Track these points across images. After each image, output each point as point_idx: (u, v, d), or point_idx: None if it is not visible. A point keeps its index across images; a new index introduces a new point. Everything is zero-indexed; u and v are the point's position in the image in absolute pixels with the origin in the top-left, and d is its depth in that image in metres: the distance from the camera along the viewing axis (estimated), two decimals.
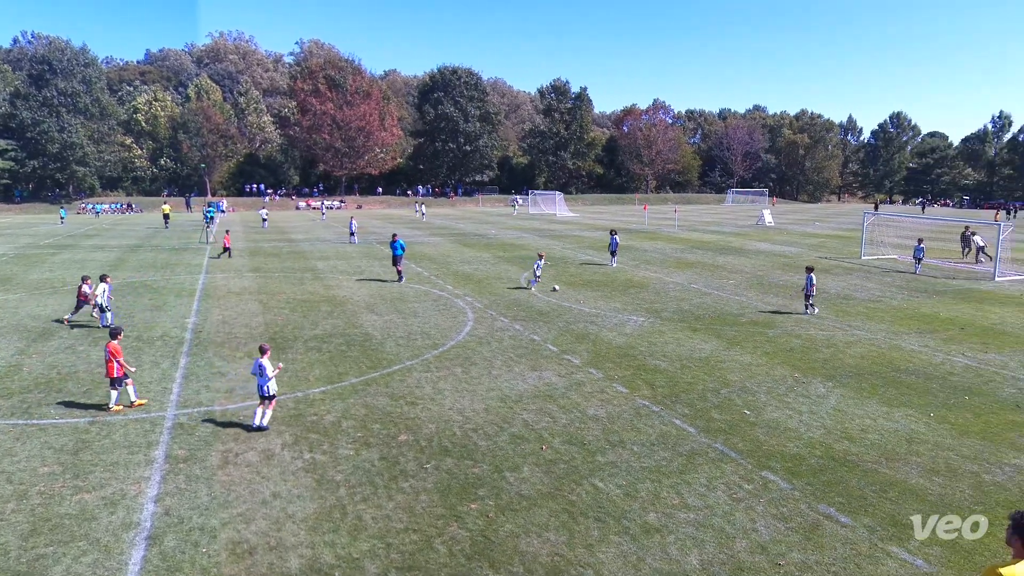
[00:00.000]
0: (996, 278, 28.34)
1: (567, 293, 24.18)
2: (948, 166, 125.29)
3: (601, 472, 9.81)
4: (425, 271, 29.59)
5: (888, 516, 8.59)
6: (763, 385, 13.82)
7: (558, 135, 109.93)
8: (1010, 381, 14.23)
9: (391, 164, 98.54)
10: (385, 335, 17.84)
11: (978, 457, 10.38)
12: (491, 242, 43.08)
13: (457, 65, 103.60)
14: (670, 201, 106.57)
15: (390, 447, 10.64)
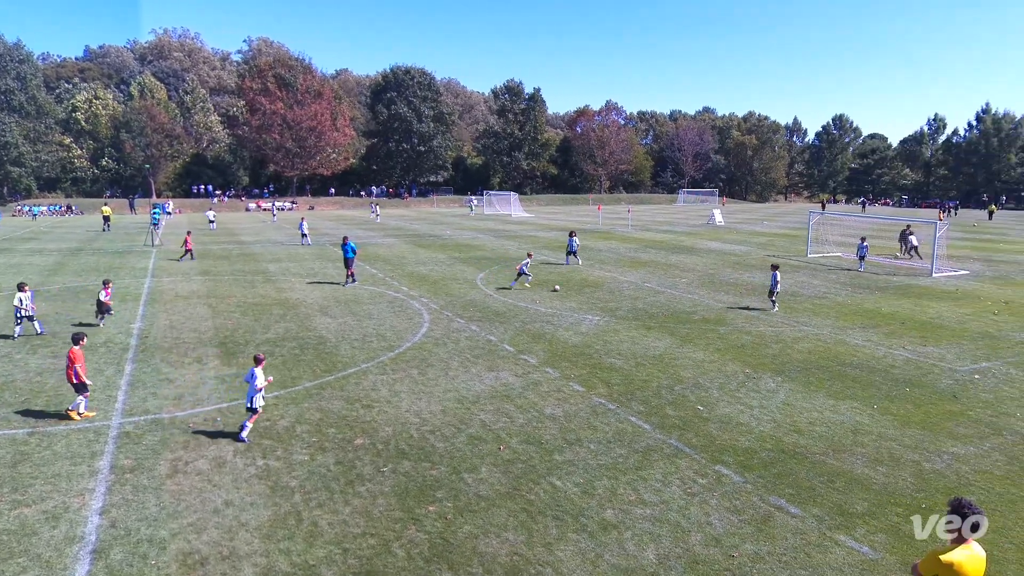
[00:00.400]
0: (933, 274, 29.53)
1: (522, 293, 24.25)
2: (888, 166, 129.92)
3: (559, 471, 9.87)
4: (380, 272, 29.31)
5: (835, 506, 8.87)
6: (715, 381, 14.11)
7: (512, 136, 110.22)
8: (947, 373, 14.85)
9: (344, 165, 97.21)
10: (339, 338, 17.61)
11: (919, 446, 10.80)
12: (446, 243, 42.93)
13: (410, 65, 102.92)
14: (623, 201, 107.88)
15: (346, 451, 10.50)
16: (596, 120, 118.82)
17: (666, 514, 8.66)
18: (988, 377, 14.56)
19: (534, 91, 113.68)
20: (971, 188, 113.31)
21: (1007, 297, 24.31)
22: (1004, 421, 11.94)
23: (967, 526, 5.17)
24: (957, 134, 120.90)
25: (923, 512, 8.66)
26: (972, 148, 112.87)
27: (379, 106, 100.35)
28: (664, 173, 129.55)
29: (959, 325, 19.64)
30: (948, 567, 5.07)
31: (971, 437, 11.21)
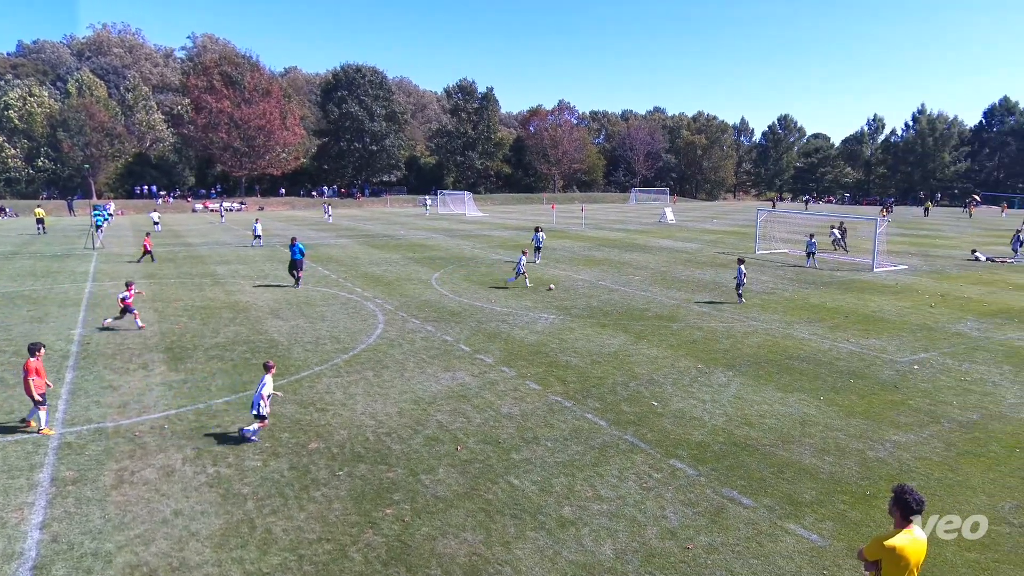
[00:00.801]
0: (875, 269, 30.61)
1: (478, 292, 24.23)
2: (831, 165, 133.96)
3: (516, 469, 9.89)
4: (333, 274, 28.89)
5: (785, 496, 9.12)
6: (669, 377, 14.35)
7: (466, 135, 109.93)
8: (889, 364, 15.41)
9: (294, 164, 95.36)
10: (292, 341, 17.29)
11: (863, 435, 11.18)
12: (400, 243, 42.59)
13: (361, 63, 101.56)
14: (577, 200, 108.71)
15: (300, 456, 10.32)
16: (549, 120, 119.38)
17: (622, 509, 8.76)
18: (926, 367, 15.16)
19: (487, 90, 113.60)
20: (908, 186, 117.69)
21: (943, 290, 25.36)
22: (941, 409, 12.45)
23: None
24: (895, 134, 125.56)
25: (868, 499, 8.97)
26: (909, 147, 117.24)
27: (330, 105, 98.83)
28: (617, 172, 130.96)
29: (899, 318, 20.41)
30: (891, 551, 5.26)
31: (911, 425, 11.66)
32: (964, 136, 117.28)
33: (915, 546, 5.32)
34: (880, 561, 5.33)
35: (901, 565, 5.27)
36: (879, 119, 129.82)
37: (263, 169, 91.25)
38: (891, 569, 5.30)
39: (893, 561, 5.27)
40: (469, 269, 30.54)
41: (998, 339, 17.82)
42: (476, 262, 33.10)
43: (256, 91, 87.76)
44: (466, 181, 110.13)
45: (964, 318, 20.43)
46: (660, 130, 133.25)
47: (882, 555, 5.30)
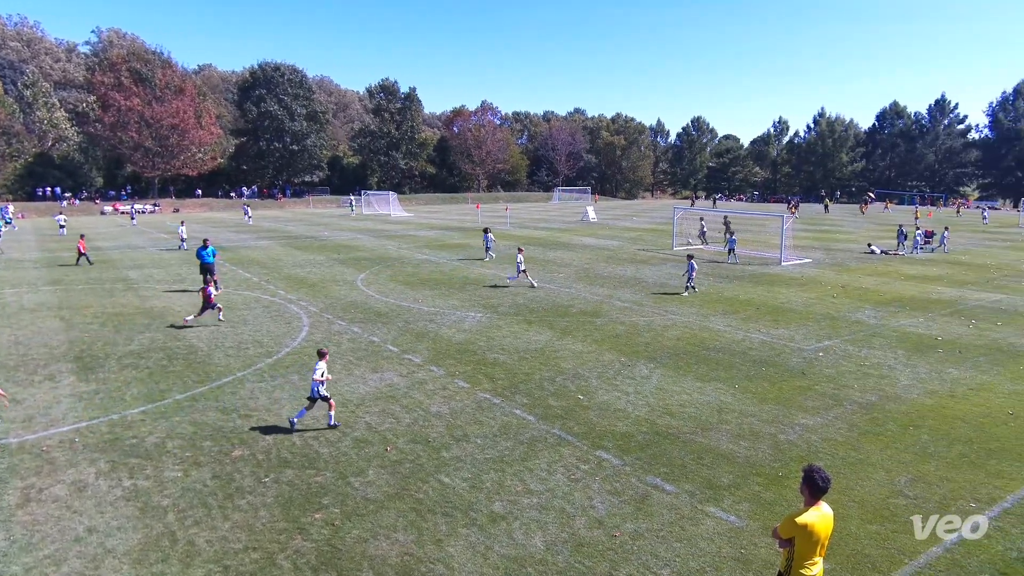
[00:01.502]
0: (782, 263, 32.13)
1: (404, 292, 23.97)
2: (741, 165, 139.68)
3: (447, 467, 9.85)
4: (254, 276, 27.93)
5: (705, 480, 9.45)
6: (594, 370, 14.62)
7: (389, 135, 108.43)
8: (796, 352, 16.21)
9: (211, 164, 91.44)
10: (212, 346, 16.62)
11: (775, 420, 11.73)
12: (325, 244, 41.62)
13: (280, 62, 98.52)
14: (501, 200, 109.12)
15: (223, 464, 9.94)
16: (472, 120, 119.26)
17: (552, 501, 8.87)
18: (830, 354, 16.04)
19: (410, 90, 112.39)
20: (811, 184, 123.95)
21: (843, 282, 26.88)
22: (844, 393, 13.20)
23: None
24: (798, 135, 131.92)
25: (780, 480, 9.41)
26: (811, 148, 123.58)
27: (248, 104, 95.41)
28: (539, 172, 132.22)
29: (805, 308, 21.49)
30: (803, 528, 5.54)
31: (818, 409, 12.31)
32: (859, 138, 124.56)
33: (824, 522, 5.62)
34: (793, 538, 5.61)
35: (812, 540, 5.57)
36: (784, 121, 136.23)
37: (178, 170, 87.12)
38: (803, 544, 5.58)
39: (804, 537, 5.55)
40: (395, 269, 30.18)
41: (892, 326, 19.04)
42: (402, 262, 32.74)
43: (168, 89, 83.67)
44: (390, 181, 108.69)
45: (862, 307, 21.71)
46: (581, 131, 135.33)
47: (795, 532, 5.57)
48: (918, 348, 16.60)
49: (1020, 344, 17.07)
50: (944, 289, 25.29)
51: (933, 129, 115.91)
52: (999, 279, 27.97)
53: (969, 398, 12.94)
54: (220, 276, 25.64)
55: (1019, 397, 13.00)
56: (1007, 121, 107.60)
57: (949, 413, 12.12)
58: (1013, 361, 15.52)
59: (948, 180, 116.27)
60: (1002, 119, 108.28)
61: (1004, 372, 14.65)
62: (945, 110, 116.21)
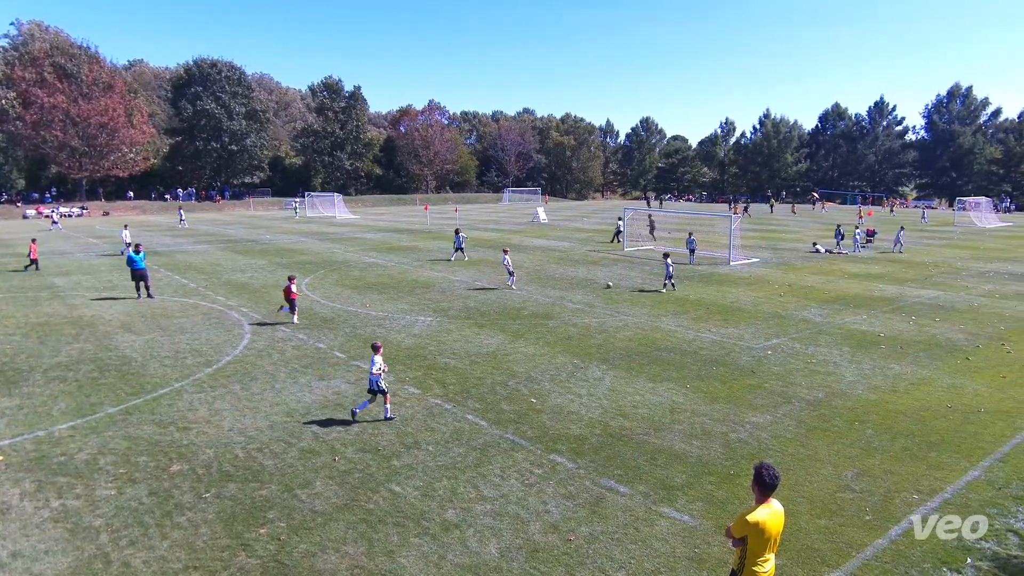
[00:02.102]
0: (731, 263, 32.95)
1: (351, 297, 23.66)
2: (689, 165, 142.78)
3: (397, 476, 9.76)
4: (192, 282, 27.13)
5: (659, 481, 9.61)
6: (547, 373, 14.70)
7: (333, 135, 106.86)
8: (746, 350, 16.65)
9: (143, 165, 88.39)
10: (147, 356, 16.07)
11: (726, 419, 12.01)
12: (267, 248, 40.73)
13: (216, 58, 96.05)
14: (451, 201, 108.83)
15: (160, 480, 9.62)
16: (420, 120, 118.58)
17: (506, 507, 8.88)
18: (778, 352, 16.52)
19: (354, 89, 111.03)
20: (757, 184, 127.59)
21: (790, 280, 27.74)
22: (792, 390, 13.62)
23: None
24: (745, 136, 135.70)
25: (732, 478, 9.64)
26: (757, 149, 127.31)
27: (183, 102, 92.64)
28: (489, 173, 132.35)
29: (753, 307, 22.09)
30: (755, 525, 5.69)
31: (767, 407, 12.66)
32: (803, 138, 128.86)
33: (774, 519, 5.79)
34: (746, 536, 5.75)
35: (764, 537, 5.72)
36: (731, 122, 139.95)
37: (107, 170, 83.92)
38: (755, 542, 5.73)
39: (756, 534, 5.70)
40: (342, 273, 29.75)
41: (837, 323, 19.73)
42: (349, 266, 32.29)
43: (96, 85, 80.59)
44: (335, 182, 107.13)
45: (809, 305, 22.44)
46: (530, 131, 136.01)
47: (747, 531, 5.71)
48: (862, 345, 17.25)
49: (957, 339, 17.92)
50: (885, 287, 26.36)
51: (873, 130, 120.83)
52: (936, 276, 29.30)
53: (910, 393, 13.51)
54: (154, 283, 24.81)
55: (956, 391, 13.65)
56: (941, 123, 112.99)
57: (892, 408, 12.63)
58: (950, 356, 16.28)
59: (888, 180, 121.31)
60: (937, 121, 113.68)
61: (942, 367, 15.35)
62: (884, 112, 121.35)
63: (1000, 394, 13.47)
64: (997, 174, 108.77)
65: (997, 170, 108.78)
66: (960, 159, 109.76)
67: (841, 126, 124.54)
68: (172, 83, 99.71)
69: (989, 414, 12.34)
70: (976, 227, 61.18)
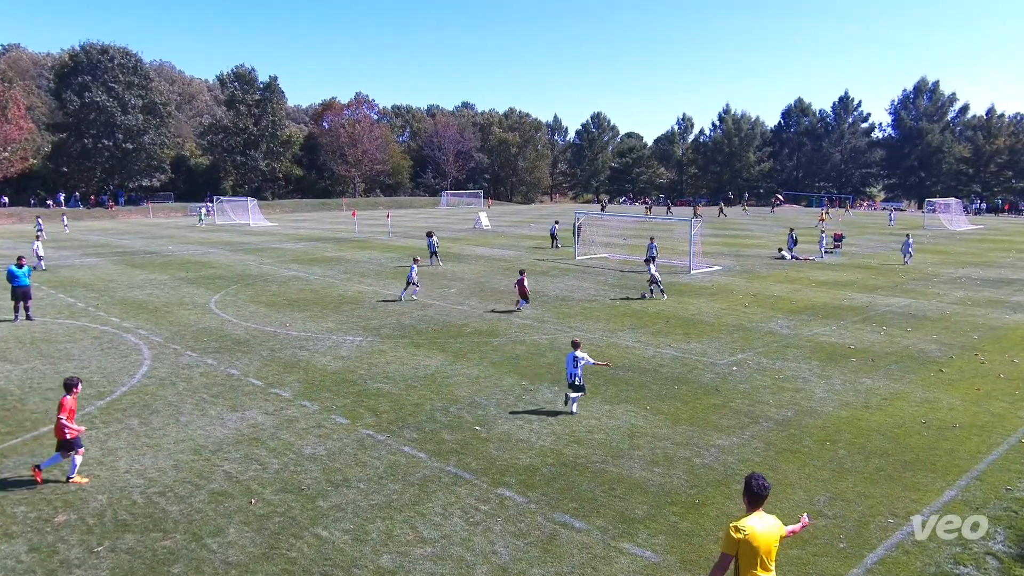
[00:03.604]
0: (691, 271, 33.69)
1: (269, 315, 23.19)
2: (645, 165, 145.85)
3: (324, 519, 9.57)
4: (80, 301, 26.13)
5: (618, 514, 9.70)
6: (492, 397, 14.69)
7: (246, 131, 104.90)
8: (709, 367, 17.01)
9: (20, 166, 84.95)
10: (26, 388, 15.38)
11: (689, 443, 12.22)
12: (169, 260, 39.60)
13: (108, 43, 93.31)
14: (381, 206, 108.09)
15: (43, 533, 9.19)
16: (345, 115, 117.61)
17: (448, 550, 8.80)
18: (744, 368, 16.94)
19: (270, 79, 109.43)
20: (719, 186, 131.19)
21: (755, 290, 28.54)
22: (759, 409, 13.97)
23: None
24: (704, 133, 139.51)
25: (698, 507, 9.81)
26: (717, 147, 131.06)
27: (68, 93, 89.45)
28: (425, 174, 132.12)
29: (716, 320, 22.61)
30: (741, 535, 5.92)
31: (733, 428, 12.95)
32: (766, 136, 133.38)
33: (767, 531, 6.00)
34: (737, 554, 5.91)
35: (752, 548, 5.90)
36: (688, 118, 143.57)
37: None
38: (745, 555, 5.92)
39: (744, 546, 5.89)
40: (257, 288, 29.14)
41: (806, 335, 20.38)
42: (265, 280, 31.67)
43: None
44: (249, 185, 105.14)
45: (775, 317, 23.12)
46: (470, 127, 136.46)
47: (734, 544, 5.88)
48: (832, 358, 17.84)
49: (929, 350, 18.74)
50: (855, 295, 27.38)
51: (838, 128, 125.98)
52: (907, 283, 30.61)
53: (883, 408, 14.04)
54: (34, 302, 23.79)
55: (930, 405, 14.25)
56: (909, 120, 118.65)
57: (864, 425, 13.09)
58: (923, 368, 17.00)
59: (854, 181, 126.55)
60: (904, 118, 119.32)
61: (915, 380, 16.01)
62: (849, 108, 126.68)
63: (975, 407, 14.12)
64: (966, 173, 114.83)
65: (966, 169, 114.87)
66: (929, 158, 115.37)
67: (805, 123, 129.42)
68: (55, 71, 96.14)
69: (964, 429, 12.92)
70: (947, 230, 64.27)
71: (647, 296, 26.40)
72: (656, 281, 26.22)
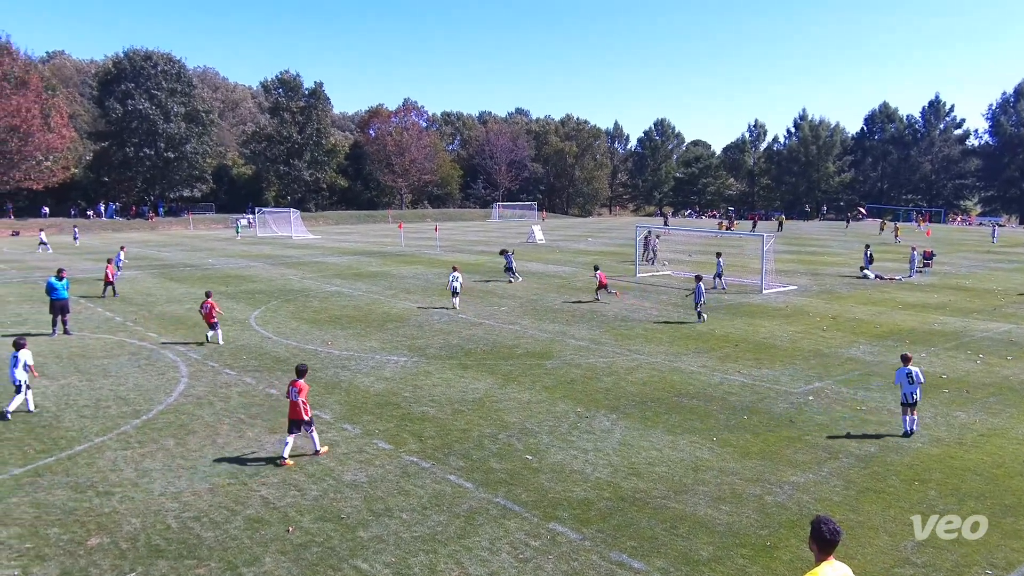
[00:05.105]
0: (763, 291, 33.11)
1: (310, 333, 23.59)
2: (712, 175, 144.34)
3: (364, 551, 9.64)
4: (117, 315, 27.02)
5: (680, 555, 9.52)
6: (545, 424, 14.63)
7: (290, 139, 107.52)
8: (783, 396, 16.65)
9: (62, 176, 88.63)
10: (62, 405, 15.94)
11: (760, 478, 11.95)
12: (209, 274, 40.70)
13: (152, 49, 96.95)
14: (429, 218, 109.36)
15: (76, 557, 9.47)
16: (393, 122, 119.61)
17: None
18: (821, 397, 16.53)
19: (315, 86, 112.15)
20: (794, 198, 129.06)
21: (834, 312, 27.88)
22: (839, 444, 13.60)
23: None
24: (777, 141, 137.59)
25: (769, 551, 9.57)
26: (792, 156, 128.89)
27: (110, 101, 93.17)
28: (475, 184, 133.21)
29: (791, 344, 22.15)
30: None
31: (809, 463, 12.62)
32: (847, 144, 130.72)
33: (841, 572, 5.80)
34: None
35: None
36: (760, 125, 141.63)
37: (18, 182, 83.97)
38: None
39: None
40: (298, 304, 29.70)
41: (891, 363, 19.77)
42: (307, 295, 32.27)
43: (7, 81, 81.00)
44: (292, 196, 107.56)
45: (856, 342, 22.53)
46: (524, 135, 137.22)
47: None
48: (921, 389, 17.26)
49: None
50: (947, 319, 26.52)
51: (928, 135, 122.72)
52: (1007, 306, 29.52)
53: (980, 446, 13.51)
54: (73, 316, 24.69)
55: None
56: (1009, 126, 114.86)
57: (958, 464, 12.62)
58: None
59: (946, 193, 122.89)
60: (1004, 124, 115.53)
61: (1017, 414, 15.39)
62: (940, 113, 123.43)
63: None
64: None
65: None
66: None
67: (891, 129, 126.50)
68: (98, 79, 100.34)
69: None
70: None
71: (700, 320, 25.66)
72: (698, 302, 25.64)
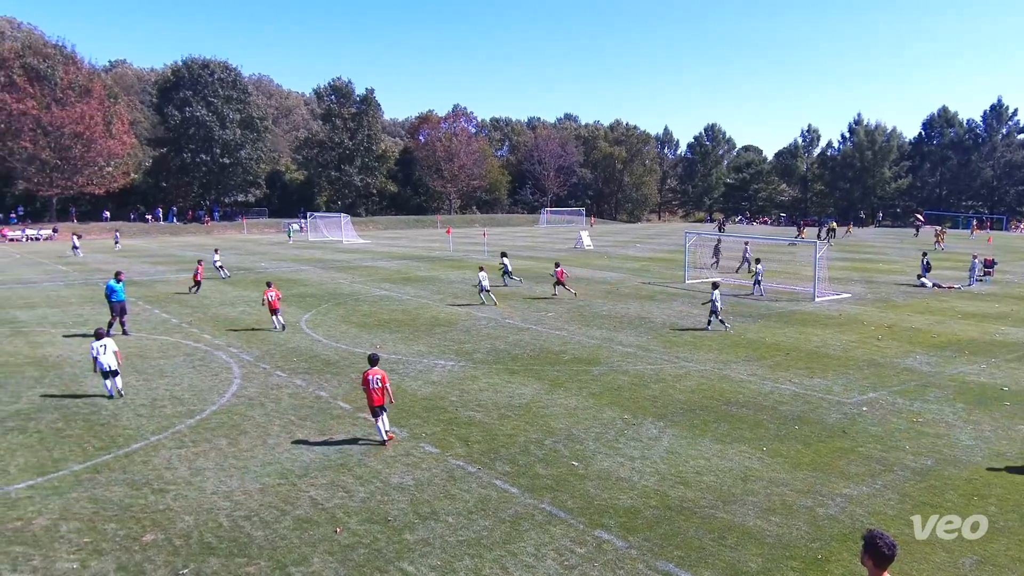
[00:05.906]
0: (816, 299, 32.49)
1: (359, 336, 23.86)
2: (764, 181, 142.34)
3: (410, 553, 9.70)
4: (174, 317, 27.69)
5: (728, 565, 9.38)
6: (591, 431, 14.56)
7: (341, 145, 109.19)
8: (835, 406, 16.30)
9: (123, 181, 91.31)
10: (120, 404, 16.38)
11: (811, 490, 11.72)
12: (262, 277, 41.42)
13: (209, 58, 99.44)
14: (477, 223, 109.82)
15: (131, 552, 9.71)
16: (442, 128, 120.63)
17: None
18: (876, 408, 16.14)
19: (366, 92, 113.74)
20: (848, 204, 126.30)
21: (889, 321, 27.21)
22: (894, 456, 13.26)
23: None
24: (831, 146, 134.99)
25: (820, 564, 9.37)
26: (847, 162, 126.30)
27: (169, 108, 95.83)
28: (523, 190, 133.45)
29: (844, 353, 21.68)
30: None
31: (863, 476, 12.33)
32: (904, 149, 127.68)
33: None
34: None
35: None
36: (814, 130, 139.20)
37: (81, 187, 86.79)
38: None
39: None
40: (348, 308, 30.07)
41: (949, 374, 19.25)
42: (357, 299, 32.66)
43: (72, 89, 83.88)
44: (343, 201, 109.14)
45: (913, 351, 21.95)
46: (573, 141, 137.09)
47: None
48: (981, 401, 16.76)
49: None
50: (1009, 329, 25.69)
51: (989, 140, 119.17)
52: None
53: None
54: (130, 317, 25.38)
55: None
56: None
57: (1020, 480, 12.20)
58: None
59: (1009, 199, 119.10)
60: None
61: None
62: (1003, 117, 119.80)
63: None
64: None
65: None
66: None
67: (950, 134, 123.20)
68: (158, 86, 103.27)
69: None
70: None
71: (723, 328, 25.09)
72: (715, 312, 24.99)
